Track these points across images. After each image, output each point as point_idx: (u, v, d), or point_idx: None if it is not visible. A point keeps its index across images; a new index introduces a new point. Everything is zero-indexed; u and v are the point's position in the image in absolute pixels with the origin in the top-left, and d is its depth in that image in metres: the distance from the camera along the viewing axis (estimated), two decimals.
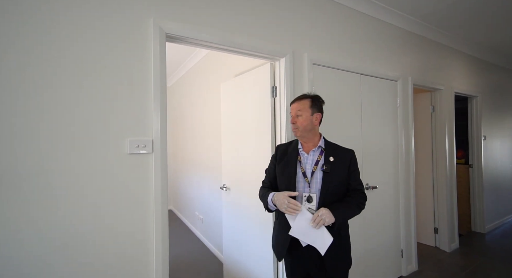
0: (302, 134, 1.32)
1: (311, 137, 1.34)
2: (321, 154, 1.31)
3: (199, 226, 3.52)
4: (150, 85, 1.29)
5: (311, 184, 1.26)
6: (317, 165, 1.28)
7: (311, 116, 1.31)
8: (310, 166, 1.30)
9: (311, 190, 1.25)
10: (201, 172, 3.40)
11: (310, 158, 1.31)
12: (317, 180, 1.26)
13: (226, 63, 2.66)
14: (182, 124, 4.24)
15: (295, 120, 1.33)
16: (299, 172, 1.29)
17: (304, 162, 1.32)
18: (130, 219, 1.23)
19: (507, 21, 2.67)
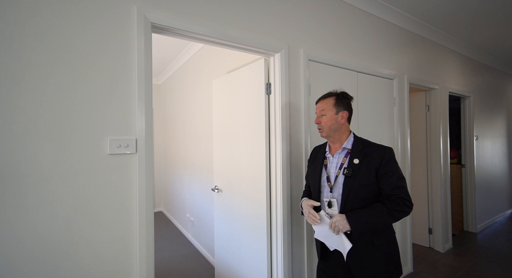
0: (328, 134, 1.26)
1: (338, 137, 1.27)
2: (346, 156, 1.23)
3: (190, 228, 3.40)
4: (134, 80, 1.18)
5: (333, 189, 1.21)
6: (340, 168, 1.22)
7: (335, 115, 1.24)
8: (334, 170, 1.24)
9: (333, 195, 1.21)
10: (192, 173, 3.29)
11: (334, 162, 1.26)
12: (339, 185, 1.20)
13: (218, 60, 2.56)
14: (173, 123, 4.11)
15: (319, 120, 1.27)
16: (324, 176, 1.26)
17: (329, 166, 1.28)
18: (111, 227, 1.12)
19: (498, 23, 2.67)
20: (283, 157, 1.63)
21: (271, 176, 1.71)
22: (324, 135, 1.28)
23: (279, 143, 1.64)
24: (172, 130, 4.18)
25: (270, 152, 1.71)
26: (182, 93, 3.66)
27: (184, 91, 3.56)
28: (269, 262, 1.70)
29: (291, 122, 1.70)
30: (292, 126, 1.71)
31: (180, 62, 3.59)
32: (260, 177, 1.74)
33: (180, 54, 3.41)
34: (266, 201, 1.70)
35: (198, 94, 3.05)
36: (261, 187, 1.73)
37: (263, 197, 1.72)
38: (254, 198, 1.81)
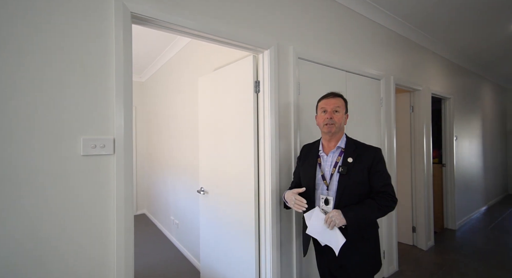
0: (337, 130, 1.28)
1: (339, 136, 1.32)
2: (340, 155, 1.28)
3: (174, 231, 3.28)
4: (112, 75, 1.08)
5: (329, 186, 1.26)
6: (335, 167, 1.27)
7: (344, 114, 1.32)
8: (329, 168, 1.29)
9: (329, 193, 1.25)
10: (177, 173, 3.17)
11: (329, 160, 1.31)
12: (334, 183, 1.25)
13: (205, 56, 2.47)
14: (158, 122, 3.96)
15: (332, 115, 1.27)
16: (318, 175, 1.30)
17: (323, 164, 1.32)
18: (84, 237, 1.02)
19: (473, 28, 2.78)
20: (272, 157, 1.58)
21: (259, 177, 1.65)
22: (333, 131, 1.27)
23: (268, 143, 1.59)
24: (156, 129, 4.03)
25: (259, 152, 1.65)
26: (166, 91, 3.52)
27: (168, 89, 3.43)
28: (257, 266, 1.64)
29: (280, 122, 1.65)
30: (282, 126, 1.66)
31: (164, 59, 3.46)
32: (248, 178, 1.68)
33: (164, 50, 3.27)
34: (254, 203, 1.64)
35: (183, 92, 2.94)
36: (249, 188, 1.67)
37: (251, 198, 1.66)
38: (242, 200, 1.75)
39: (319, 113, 1.36)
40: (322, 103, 1.34)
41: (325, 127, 1.29)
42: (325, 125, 1.29)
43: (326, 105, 1.31)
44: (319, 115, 1.35)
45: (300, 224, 1.72)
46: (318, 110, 1.37)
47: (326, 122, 1.28)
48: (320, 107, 1.34)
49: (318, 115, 1.37)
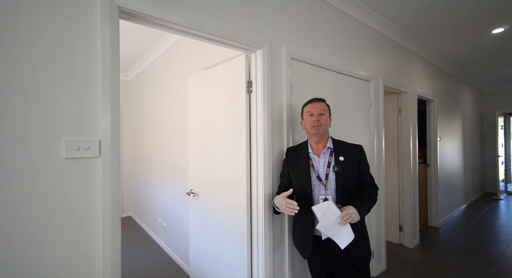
0: (324, 132, 1.36)
1: (325, 137, 1.40)
2: (331, 155, 1.36)
3: (162, 234, 3.19)
4: (97, 72, 1.01)
5: (327, 186, 1.31)
6: (329, 167, 1.33)
7: (329, 117, 1.41)
8: (323, 169, 1.35)
9: (327, 192, 1.30)
10: (165, 175, 3.08)
11: (321, 161, 1.36)
12: (331, 182, 1.31)
13: (195, 55, 2.40)
14: (144, 121, 3.83)
15: (318, 118, 1.35)
16: (313, 176, 1.34)
17: (316, 166, 1.36)
18: (67, 248, 0.95)
19: (459, 33, 2.88)
20: (265, 159, 1.55)
21: (252, 179, 1.62)
22: (321, 131, 1.34)
23: (261, 144, 1.56)
24: (142, 129, 3.90)
25: (251, 153, 1.62)
26: (154, 90, 3.41)
27: (156, 88, 3.33)
28: (249, 270, 1.61)
29: (273, 123, 1.62)
30: (275, 127, 1.63)
31: (152, 57, 3.35)
32: (240, 180, 1.64)
33: (152, 48, 3.17)
34: (247, 206, 1.61)
35: (172, 91, 2.86)
36: (241, 190, 1.64)
37: (244, 201, 1.62)
38: (234, 202, 1.71)
39: (305, 117, 1.42)
40: (308, 107, 1.42)
41: (313, 128, 1.35)
42: (312, 127, 1.35)
43: (312, 109, 1.39)
44: (306, 118, 1.42)
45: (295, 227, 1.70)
46: (304, 114, 1.44)
47: (314, 124, 1.34)
48: (306, 111, 1.42)
49: (304, 119, 1.44)
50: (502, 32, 2.94)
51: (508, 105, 6.03)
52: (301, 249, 1.42)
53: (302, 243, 1.40)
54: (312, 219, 1.32)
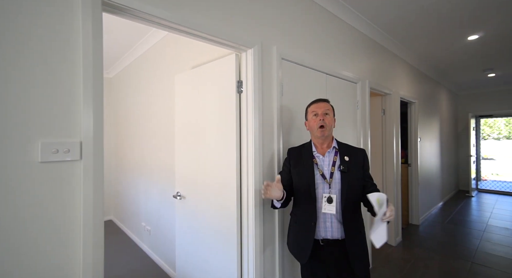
0: (329, 133, 1.34)
1: (330, 138, 1.38)
2: (336, 154, 1.34)
3: (146, 238, 3.06)
4: (78, 68, 0.93)
5: (331, 185, 1.29)
6: (334, 166, 1.31)
7: (333, 117, 1.38)
8: (328, 168, 1.32)
9: (332, 191, 1.27)
10: (150, 177, 2.96)
11: (326, 160, 1.34)
12: (336, 181, 1.29)
13: (183, 53, 2.33)
14: (127, 121, 3.67)
15: (323, 117, 1.33)
16: (317, 174, 1.32)
17: (320, 164, 1.34)
18: (44, 259, 0.86)
19: (438, 39, 3.01)
20: (256, 160, 1.52)
21: (242, 181, 1.59)
22: (326, 134, 1.33)
23: (252, 145, 1.53)
24: (125, 129, 3.74)
25: (241, 155, 1.58)
26: (138, 88, 3.28)
27: (140, 86, 3.19)
28: (239, 273, 1.57)
29: (264, 123, 1.60)
30: (265, 128, 1.61)
31: (136, 53, 3.21)
32: (230, 182, 1.60)
33: (137, 43, 3.03)
34: (236, 208, 1.57)
35: (158, 90, 2.76)
36: (231, 193, 1.60)
37: (233, 204, 1.58)
38: (222, 204, 1.66)
39: (310, 118, 1.39)
40: (312, 107, 1.40)
41: (319, 131, 1.33)
42: (318, 129, 1.33)
43: (316, 109, 1.37)
44: (311, 119, 1.38)
45: (285, 229, 1.69)
46: (308, 115, 1.41)
47: (320, 124, 1.32)
48: (311, 111, 1.39)
49: (309, 119, 1.41)
50: (477, 39, 3.10)
51: (479, 108, 6.41)
52: (299, 253, 1.35)
53: (301, 246, 1.33)
54: (314, 219, 1.28)
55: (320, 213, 1.30)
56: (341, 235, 1.28)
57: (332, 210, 1.25)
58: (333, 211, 1.25)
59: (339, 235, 1.29)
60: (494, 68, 4.48)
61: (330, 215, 1.29)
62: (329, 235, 1.29)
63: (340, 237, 1.29)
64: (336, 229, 1.29)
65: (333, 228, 1.29)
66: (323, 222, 1.30)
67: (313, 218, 1.29)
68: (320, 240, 1.30)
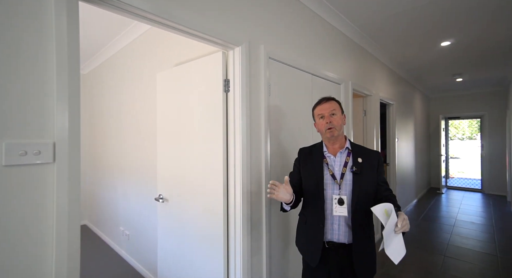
0: (339, 133, 1.27)
1: (341, 138, 1.31)
2: (348, 155, 1.28)
3: (124, 243, 2.91)
4: (51, 61, 0.84)
5: (341, 186, 1.23)
6: (346, 166, 1.25)
7: (342, 115, 1.31)
8: (339, 168, 1.26)
9: (341, 192, 1.22)
10: (129, 179, 2.81)
11: (338, 160, 1.28)
12: (347, 182, 1.23)
13: (165, 50, 2.23)
14: (103, 120, 3.47)
15: (330, 119, 1.26)
16: (327, 175, 1.26)
17: (331, 164, 1.29)
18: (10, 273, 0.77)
19: (415, 44, 3.17)
20: (243, 162, 1.49)
21: (229, 183, 1.54)
22: (336, 134, 1.26)
23: (239, 146, 1.49)
24: (101, 128, 3.53)
25: (228, 156, 1.54)
26: (116, 86, 3.10)
27: (118, 83, 3.02)
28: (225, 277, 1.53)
29: (252, 124, 1.56)
30: (253, 128, 1.58)
31: (114, 49, 3.03)
32: (216, 185, 1.55)
33: (115, 38, 2.86)
34: (223, 211, 1.52)
35: (138, 88, 2.62)
36: (217, 195, 1.55)
37: (220, 207, 1.54)
38: (209, 207, 1.61)
39: (317, 120, 1.35)
40: (317, 110, 1.33)
41: (328, 132, 1.27)
42: (327, 130, 1.27)
43: (322, 111, 1.30)
44: (318, 121, 1.34)
45: (272, 234, 1.67)
46: (315, 117, 1.36)
47: (328, 126, 1.26)
48: (317, 114, 1.33)
49: (316, 122, 1.36)
50: (449, 45, 3.30)
51: (449, 110, 6.85)
52: (309, 255, 1.29)
53: (311, 248, 1.27)
54: (322, 221, 1.23)
55: (328, 215, 1.24)
56: (348, 239, 1.22)
57: (344, 212, 1.19)
58: (345, 213, 1.19)
59: (346, 239, 1.22)
60: (462, 73, 4.80)
61: (338, 218, 1.22)
62: (335, 238, 1.23)
63: (347, 242, 1.22)
64: (343, 233, 1.22)
65: (340, 231, 1.22)
66: (330, 224, 1.24)
67: (321, 220, 1.24)
68: (326, 242, 1.24)
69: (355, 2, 2.21)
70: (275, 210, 1.73)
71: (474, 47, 3.39)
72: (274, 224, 1.72)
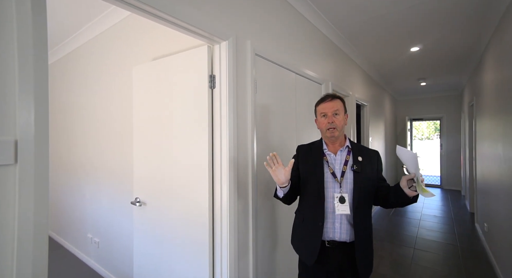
0: (339, 134, 1.25)
1: (342, 137, 1.31)
2: (348, 153, 1.27)
3: (93, 252, 2.67)
4: (12, 47, 0.71)
5: (342, 184, 1.22)
6: (346, 165, 1.24)
7: (344, 115, 1.29)
8: (339, 167, 1.25)
9: (342, 190, 1.21)
10: (98, 182, 2.59)
11: (338, 158, 1.27)
12: (347, 180, 1.22)
13: (143, 41, 2.07)
14: (68, 117, 3.15)
15: (333, 119, 1.23)
16: (327, 173, 1.24)
17: (332, 163, 1.27)
18: None
19: (386, 48, 3.34)
20: (230, 160, 1.42)
21: (214, 183, 1.47)
22: (336, 135, 1.24)
23: (226, 145, 1.42)
24: (64, 126, 3.20)
25: (214, 155, 1.47)
26: (84, 79, 2.83)
27: (87, 77, 2.76)
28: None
29: (238, 122, 1.51)
30: (240, 126, 1.52)
31: (83, 38, 2.75)
32: (201, 185, 1.47)
33: (84, 26, 2.59)
34: (208, 215, 1.45)
35: (110, 82, 2.42)
36: (202, 196, 1.47)
37: (204, 208, 1.46)
38: (192, 210, 1.52)
39: (319, 118, 1.32)
40: (320, 107, 1.30)
41: (328, 132, 1.25)
42: (327, 130, 1.25)
43: (324, 109, 1.27)
44: (320, 119, 1.31)
45: (258, 237, 1.62)
46: (317, 114, 1.33)
47: (328, 127, 1.24)
48: (319, 111, 1.30)
49: (318, 119, 1.33)
50: (417, 50, 3.53)
51: (413, 112, 7.38)
52: (305, 254, 1.26)
53: (308, 247, 1.24)
54: (322, 219, 1.20)
55: (329, 213, 1.22)
56: (350, 237, 1.21)
57: (346, 210, 1.17)
58: (347, 211, 1.17)
59: (347, 237, 1.21)
60: (426, 77, 5.20)
61: (340, 216, 1.21)
62: (337, 236, 1.21)
63: (348, 240, 1.21)
64: (345, 231, 1.21)
65: (341, 230, 1.21)
66: (331, 222, 1.22)
67: (321, 218, 1.21)
68: (327, 241, 1.22)
69: (336, 4, 2.26)
70: (263, 210, 1.69)
71: (437, 53, 3.67)
72: (261, 225, 1.68)
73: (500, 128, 2.41)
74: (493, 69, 2.73)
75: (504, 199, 2.34)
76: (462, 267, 2.73)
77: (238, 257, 1.47)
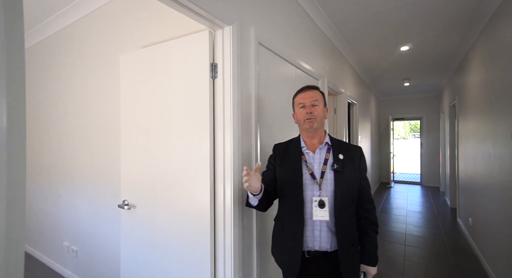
0: (318, 125, 1.15)
1: (320, 131, 1.19)
2: (328, 151, 1.16)
3: (71, 262, 2.41)
4: None
5: (321, 186, 1.10)
6: (326, 164, 1.13)
7: (324, 108, 1.20)
8: (319, 166, 1.13)
9: (322, 193, 1.09)
10: (77, 184, 2.33)
11: (317, 157, 1.15)
12: (328, 181, 1.10)
13: (131, 27, 1.88)
14: (41, 112, 2.84)
15: (311, 110, 1.13)
16: (306, 174, 1.12)
17: (310, 162, 1.15)
18: None
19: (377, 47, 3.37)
20: (234, 156, 1.30)
21: (216, 181, 1.33)
22: (315, 125, 1.14)
23: (229, 139, 1.29)
24: (37, 123, 2.88)
25: (216, 151, 1.33)
26: (62, 68, 2.54)
27: (66, 66, 2.48)
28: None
29: (242, 114, 1.38)
30: (244, 119, 1.40)
31: (62, 22, 2.43)
32: (201, 184, 1.33)
33: (63, 9, 2.29)
34: (210, 214, 1.31)
35: (93, 72, 2.18)
36: (203, 196, 1.32)
37: (206, 211, 1.32)
38: (190, 213, 1.37)
39: (296, 110, 1.21)
40: (298, 98, 1.20)
41: (306, 122, 1.15)
42: (305, 121, 1.15)
43: (303, 100, 1.17)
44: (297, 111, 1.20)
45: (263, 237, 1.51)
46: (295, 106, 1.23)
47: (306, 117, 1.14)
48: (297, 102, 1.20)
49: (296, 111, 1.22)
50: (407, 50, 3.59)
51: (396, 112, 7.63)
52: (286, 267, 1.14)
53: (288, 259, 1.12)
54: (301, 227, 1.09)
55: (308, 220, 1.10)
56: (331, 246, 1.09)
57: (325, 216, 1.06)
58: (326, 217, 1.06)
59: (328, 246, 1.09)
60: (410, 78, 5.36)
61: (319, 222, 1.09)
62: (317, 245, 1.09)
63: (330, 249, 1.09)
64: (325, 239, 1.09)
65: (321, 238, 1.09)
66: (311, 230, 1.10)
67: (300, 227, 1.09)
68: (306, 252, 1.10)
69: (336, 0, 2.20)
70: None
71: (424, 54, 3.76)
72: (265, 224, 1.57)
73: (489, 126, 2.48)
74: (479, 70, 2.81)
75: (492, 195, 2.41)
76: (452, 261, 2.80)
77: (242, 260, 1.35)
